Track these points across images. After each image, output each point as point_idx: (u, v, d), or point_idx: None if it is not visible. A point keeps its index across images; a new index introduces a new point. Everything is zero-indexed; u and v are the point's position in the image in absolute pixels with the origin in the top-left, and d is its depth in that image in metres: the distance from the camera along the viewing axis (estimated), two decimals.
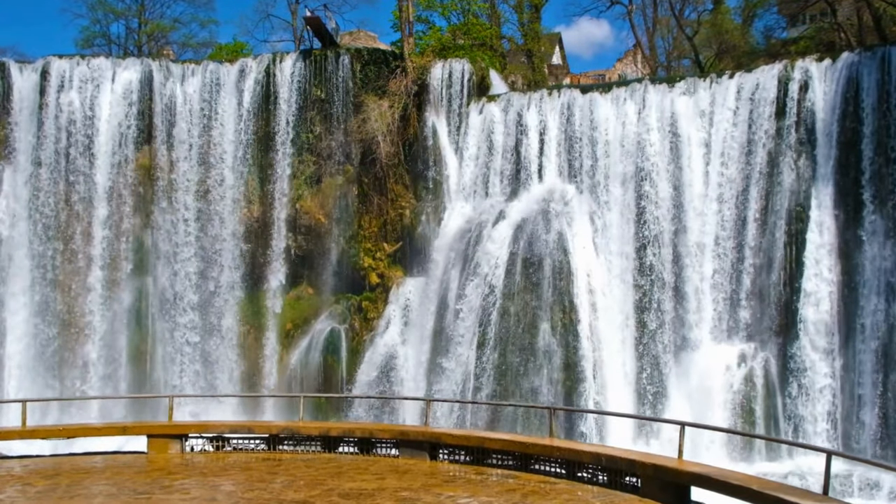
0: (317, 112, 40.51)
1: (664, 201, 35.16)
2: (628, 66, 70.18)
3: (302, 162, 40.43)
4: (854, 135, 32.55)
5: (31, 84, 40.20)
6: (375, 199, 39.72)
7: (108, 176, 39.55)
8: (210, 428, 19.31)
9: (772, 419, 31.97)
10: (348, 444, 18.21)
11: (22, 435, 18.81)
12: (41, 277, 38.95)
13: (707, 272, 34.27)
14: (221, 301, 39.66)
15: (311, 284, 40.26)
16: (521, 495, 14.10)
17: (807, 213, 32.88)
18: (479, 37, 46.70)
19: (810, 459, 29.15)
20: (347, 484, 14.99)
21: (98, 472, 16.64)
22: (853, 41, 42.15)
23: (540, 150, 37.24)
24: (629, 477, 14.38)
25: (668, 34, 58.98)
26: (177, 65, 41.89)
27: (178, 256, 39.59)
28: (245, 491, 14.76)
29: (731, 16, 55.00)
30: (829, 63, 33.80)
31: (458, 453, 16.97)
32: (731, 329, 33.69)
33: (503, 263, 35.06)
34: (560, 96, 37.67)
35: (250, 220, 40.40)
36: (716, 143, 34.97)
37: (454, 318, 35.52)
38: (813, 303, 32.06)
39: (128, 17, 60.71)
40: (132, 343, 39.13)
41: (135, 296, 39.44)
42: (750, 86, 34.78)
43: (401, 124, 39.08)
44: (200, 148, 40.25)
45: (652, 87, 36.58)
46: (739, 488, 12.34)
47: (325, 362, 38.30)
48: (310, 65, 40.72)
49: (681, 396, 33.53)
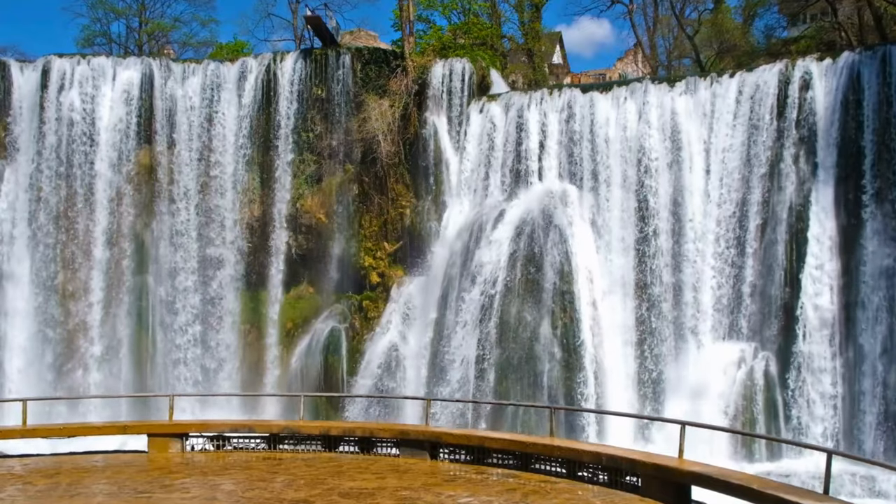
0: (317, 111, 40.51)
1: (664, 201, 35.14)
2: (629, 65, 70.16)
3: (302, 161, 40.43)
4: (855, 134, 32.51)
5: (31, 83, 40.21)
6: (376, 198, 39.72)
7: (109, 175, 39.53)
8: (210, 427, 19.32)
9: (772, 419, 31.95)
10: (349, 443, 18.21)
11: (23, 434, 18.82)
12: (42, 277, 38.95)
13: (708, 272, 34.25)
14: (222, 300, 39.68)
15: (311, 284, 40.26)
16: (521, 494, 14.10)
17: (807, 212, 32.85)
18: (480, 36, 46.69)
19: (811, 459, 29.13)
20: (348, 483, 14.99)
21: (98, 471, 16.65)
22: (854, 40, 42.15)
23: (540, 149, 37.22)
24: (630, 476, 14.37)
25: (668, 33, 58.98)
26: (177, 64, 41.87)
27: (178, 256, 39.59)
28: (245, 490, 14.76)
29: (731, 15, 55.08)
30: (829, 62, 33.78)
31: (459, 453, 16.98)
32: (731, 328, 33.67)
33: (504, 263, 35.05)
34: (560, 96, 37.66)
35: (251, 219, 40.41)
36: (716, 142, 34.95)
37: (455, 317, 35.51)
38: (813, 302, 32.04)
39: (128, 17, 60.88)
40: (133, 342, 39.13)
41: (135, 295, 39.43)
42: (750, 85, 34.76)
43: (401, 123, 39.07)
44: (201, 147, 40.25)
45: (652, 86, 36.56)
46: (740, 488, 12.33)
47: (325, 361, 38.30)
48: (310, 64, 40.71)
49: (681, 396, 33.51)
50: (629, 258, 35.22)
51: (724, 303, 33.89)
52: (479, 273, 35.34)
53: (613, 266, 35.31)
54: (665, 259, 34.83)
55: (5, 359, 38.12)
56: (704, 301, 34.12)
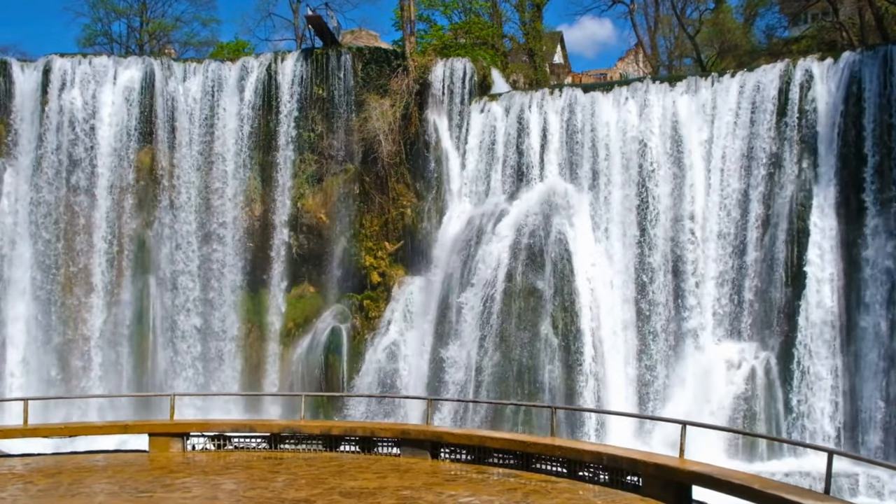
0: (318, 111, 40.51)
1: (665, 200, 35.15)
2: (630, 65, 70.17)
3: (303, 161, 40.43)
4: (856, 134, 32.49)
5: (32, 83, 40.22)
6: (377, 197, 39.72)
7: (110, 175, 39.54)
8: (211, 426, 19.31)
9: (773, 418, 31.95)
10: (350, 442, 18.20)
11: (24, 433, 18.82)
12: (42, 276, 38.97)
13: (708, 271, 34.27)
14: (223, 300, 39.69)
15: (312, 283, 40.26)
16: (522, 494, 14.10)
17: (808, 212, 32.84)
18: (481, 36, 46.73)
19: (812, 459, 29.13)
20: (349, 482, 14.99)
21: (100, 471, 16.64)
22: (855, 40, 42.16)
23: (541, 149, 37.23)
24: (630, 476, 14.36)
25: (669, 33, 58.99)
26: (178, 64, 41.88)
27: (179, 255, 39.60)
28: (246, 490, 14.76)
29: (732, 15, 55.09)
30: (830, 62, 33.77)
31: (460, 452, 16.96)
32: (732, 328, 33.67)
33: (504, 262, 35.06)
34: (561, 95, 37.67)
35: (252, 218, 40.42)
36: (717, 142, 34.95)
37: (456, 316, 35.53)
38: (814, 302, 32.03)
39: (129, 16, 60.93)
40: (134, 342, 39.14)
41: (136, 294, 39.44)
42: (751, 85, 34.75)
43: (402, 123, 39.07)
44: (202, 147, 40.27)
45: (653, 86, 36.56)
46: (741, 487, 12.31)
47: (326, 361, 38.30)
48: (311, 63, 40.72)
49: (682, 395, 33.52)
50: (630, 258, 35.23)
51: (725, 303, 33.89)
52: (479, 273, 35.35)
53: (614, 266, 35.32)
54: (666, 259, 34.83)
55: (6, 357, 38.13)
56: (705, 301, 34.13)
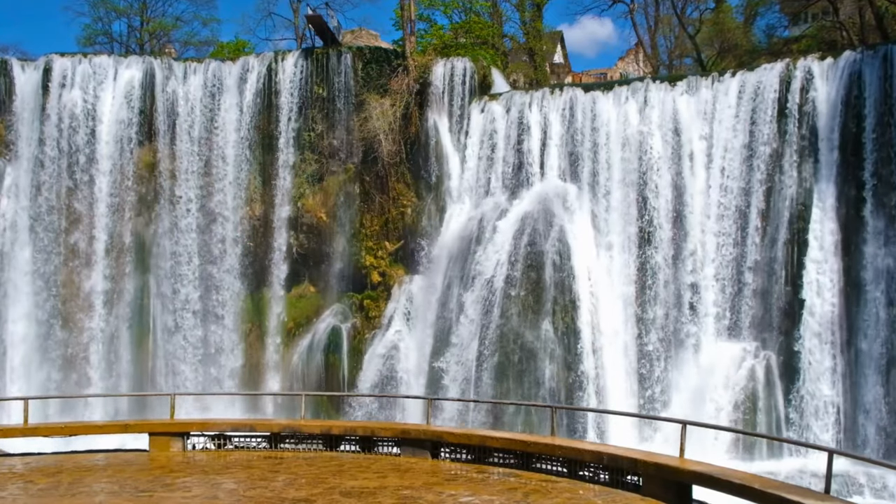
0: (318, 110, 40.51)
1: (666, 200, 35.15)
2: (630, 64, 70.18)
3: (304, 160, 40.43)
4: (856, 133, 32.50)
5: (33, 82, 40.24)
6: (377, 197, 39.72)
7: (110, 174, 39.56)
8: (212, 426, 19.31)
9: (774, 418, 31.94)
10: (350, 442, 18.21)
11: (24, 432, 18.83)
12: (43, 275, 38.98)
13: (709, 271, 34.27)
14: (223, 299, 39.69)
15: (312, 283, 40.27)
16: (522, 494, 14.10)
17: (809, 211, 32.85)
18: (481, 35, 46.73)
19: (812, 458, 29.12)
20: (349, 482, 14.99)
21: (100, 470, 16.65)
22: (855, 40, 42.14)
23: (541, 148, 37.23)
24: (631, 476, 14.36)
25: (670, 33, 58.97)
26: (179, 63, 41.87)
27: (179, 255, 39.60)
28: (247, 489, 14.76)
29: (732, 14, 55.04)
30: (830, 62, 33.76)
31: (460, 452, 16.97)
32: (732, 327, 33.68)
33: (504, 262, 35.06)
34: (562, 95, 37.66)
35: (252, 218, 40.43)
36: (717, 141, 34.95)
37: (456, 316, 35.53)
38: (815, 301, 32.03)
39: (130, 16, 60.92)
40: (134, 341, 39.18)
41: (136, 294, 39.47)
42: (752, 85, 34.75)
43: (402, 123, 39.07)
44: (202, 146, 40.27)
45: (654, 85, 36.56)
46: (741, 487, 12.31)
47: (326, 361, 38.31)
48: (312, 63, 40.71)
49: (682, 395, 33.53)
50: (630, 258, 35.23)
51: (726, 302, 33.88)
52: (480, 272, 35.35)
53: (614, 265, 35.32)
54: (666, 259, 34.83)
55: (6, 356, 38.15)
56: (706, 300, 34.13)
